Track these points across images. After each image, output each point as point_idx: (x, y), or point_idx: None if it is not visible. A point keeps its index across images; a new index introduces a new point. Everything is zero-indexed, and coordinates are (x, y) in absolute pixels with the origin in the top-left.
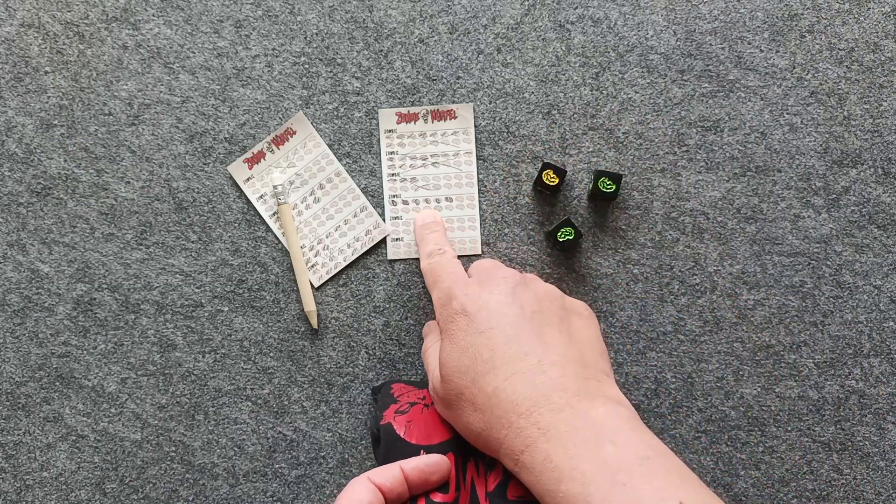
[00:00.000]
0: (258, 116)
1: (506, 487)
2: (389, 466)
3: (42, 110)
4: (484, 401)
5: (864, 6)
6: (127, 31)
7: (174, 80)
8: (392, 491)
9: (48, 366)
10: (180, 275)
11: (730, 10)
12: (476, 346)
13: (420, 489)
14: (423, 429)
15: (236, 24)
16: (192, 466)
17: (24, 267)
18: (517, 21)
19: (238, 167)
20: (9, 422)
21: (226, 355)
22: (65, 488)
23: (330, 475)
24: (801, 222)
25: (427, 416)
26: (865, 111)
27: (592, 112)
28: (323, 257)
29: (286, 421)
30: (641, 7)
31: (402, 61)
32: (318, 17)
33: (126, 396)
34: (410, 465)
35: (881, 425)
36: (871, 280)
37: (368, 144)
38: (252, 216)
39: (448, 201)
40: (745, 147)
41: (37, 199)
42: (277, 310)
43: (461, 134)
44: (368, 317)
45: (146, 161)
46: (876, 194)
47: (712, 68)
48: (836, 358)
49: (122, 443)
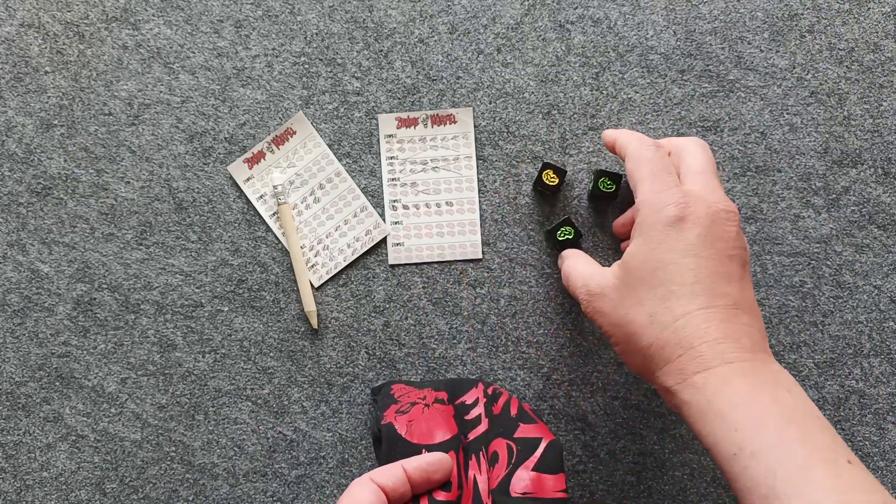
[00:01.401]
0: (258, 116)
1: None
2: (391, 466)
3: (42, 110)
4: (668, 319)
5: (864, 6)
6: (127, 31)
7: (174, 80)
8: (395, 491)
9: (48, 366)
10: (180, 275)
11: (730, 10)
12: (680, 265)
13: (423, 488)
14: (424, 428)
15: (236, 24)
16: (192, 466)
17: (24, 267)
18: (517, 21)
19: (238, 167)
20: (9, 422)
21: (226, 355)
22: (65, 488)
23: (330, 475)
24: (801, 222)
25: (428, 415)
26: (865, 111)
27: (592, 112)
28: (323, 257)
29: (286, 421)
30: (641, 7)
31: (402, 61)
32: (318, 17)
33: (126, 396)
34: (412, 464)
35: (881, 425)
36: (871, 280)
37: (368, 144)
38: (252, 216)
39: (448, 206)
40: (745, 147)
41: (37, 199)
42: (277, 310)
43: (461, 138)
44: (368, 317)
45: (146, 161)
46: (876, 194)
47: (712, 68)
48: (836, 358)
49: (122, 443)
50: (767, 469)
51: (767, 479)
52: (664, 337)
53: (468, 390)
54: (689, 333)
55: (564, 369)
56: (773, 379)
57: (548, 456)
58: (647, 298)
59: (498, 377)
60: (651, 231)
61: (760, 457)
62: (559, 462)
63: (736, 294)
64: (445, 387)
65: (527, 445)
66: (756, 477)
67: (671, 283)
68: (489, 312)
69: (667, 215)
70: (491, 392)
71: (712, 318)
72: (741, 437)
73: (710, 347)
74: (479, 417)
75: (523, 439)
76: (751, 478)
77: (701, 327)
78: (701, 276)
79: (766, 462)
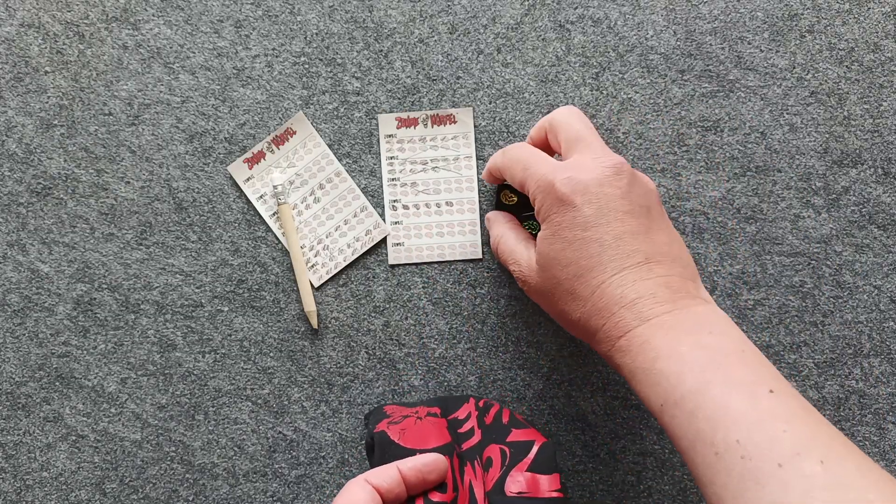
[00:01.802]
0: (258, 116)
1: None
2: (386, 467)
3: (42, 110)
4: (586, 293)
5: (864, 6)
6: (127, 31)
7: (174, 80)
8: (390, 492)
9: (48, 366)
10: (180, 275)
11: (730, 10)
12: (583, 240)
13: (418, 489)
14: (417, 435)
15: (236, 24)
16: (192, 466)
17: (24, 267)
18: (517, 21)
19: (238, 167)
20: (9, 422)
21: (226, 355)
22: (65, 488)
23: (330, 475)
24: (801, 222)
25: (421, 426)
26: (865, 111)
27: (592, 112)
28: (323, 257)
29: (286, 421)
30: (641, 7)
31: (402, 61)
32: (318, 17)
33: (126, 396)
34: (407, 465)
35: (881, 425)
36: (871, 280)
37: (368, 144)
38: (252, 216)
39: (448, 206)
40: (745, 147)
41: (37, 199)
42: (277, 310)
43: (461, 138)
44: (368, 317)
45: (146, 161)
46: (876, 194)
47: (712, 68)
48: (836, 358)
49: (122, 443)
50: (690, 413)
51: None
52: (587, 310)
53: (460, 406)
54: (606, 302)
55: (564, 369)
56: (694, 326)
57: (541, 457)
58: (564, 278)
59: (498, 377)
60: (549, 216)
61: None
62: (553, 462)
63: (646, 248)
64: (437, 403)
65: (520, 448)
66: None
67: (580, 259)
68: (489, 312)
69: (556, 198)
70: (482, 405)
71: (625, 282)
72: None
73: (627, 311)
74: (472, 430)
75: (516, 443)
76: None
77: (616, 293)
78: (605, 245)
79: (688, 407)
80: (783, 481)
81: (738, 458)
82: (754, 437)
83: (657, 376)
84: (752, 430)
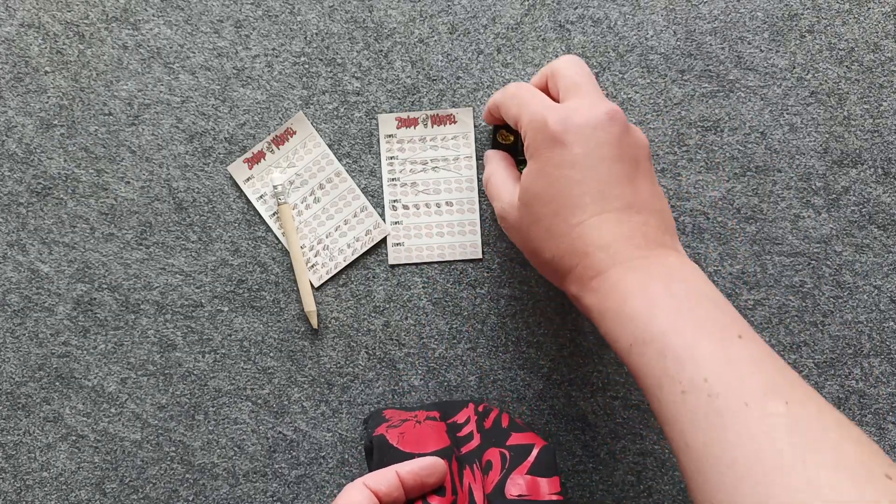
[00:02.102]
0: (258, 116)
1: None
2: (385, 470)
3: (42, 110)
4: (564, 230)
5: (864, 6)
6: (127, 31)
7: (174, 80)
8: (388, 495)
9: (48, 366)
10: (180, 275)
11: (730, 10)
12: (568, 178)
13: (416, 492)
14: (416, 439)
15: (236, 24)
16: (192, 466)
17: (24, 267)
18: (517, 21)
19: (238, 167)
20: (9, 422)
21: (226, 355)
22: (65, 488)
23: (330, 475)
24: (801, 222)
25: (420, 430)
26: (865, 111)
27: None
28: (323, 257)
29: (286, 421)
30: (641, 7)
31: (402, 61)
32: (318, 17)
33: (126, 396)
34: (406, 468)
35: (881, 425)
36: (871, 280)
37: (368, 144)
38: (252, 216)
39: (448, 206)
40: (745, 147)
41: (37, 199)
42: (277, 310)
43: (461, 138)
44: (368, 317)
45: (146, 161)
46: (876, 194)
47: (712, 68)
48: (836, 358)
49: (122, 443)
50: (658, 353)
51: (659, 362)
52: (562, 248)
53: (459, 410)
54: (583, 242)
55: (564, 369)
56: (667, 272)
57: (541, 460)
58: (543, 214)
59: (498, 377)
60: (537, 152)
61: (652, 343)
62: (553, 466)
63: (629, 195)
64: (437, 408)
65: (520, 451)
66: (650, 362)
67: (561, 197)
68: (489, 312)
69: (548, 134)
70: (482, 409)
71: (604, 224)
72: (634, 328)
73: (602, 251)
74: (472, 434)
75: (516, 446)
76: (645, 363)
77: (593, 234)
78: (589, 186)
79: (657, 346)
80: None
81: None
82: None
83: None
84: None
